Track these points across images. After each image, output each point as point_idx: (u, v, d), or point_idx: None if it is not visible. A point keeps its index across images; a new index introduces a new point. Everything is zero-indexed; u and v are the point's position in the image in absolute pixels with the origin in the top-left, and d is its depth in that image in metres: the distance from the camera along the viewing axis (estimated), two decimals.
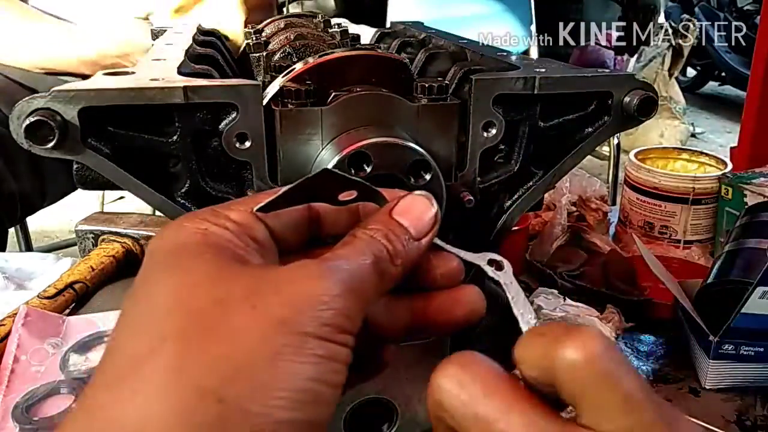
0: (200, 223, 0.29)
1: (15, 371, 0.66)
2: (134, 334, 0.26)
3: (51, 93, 0.38)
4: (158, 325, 0.26)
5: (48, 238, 2.37)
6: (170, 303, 0.27)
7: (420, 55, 0.61)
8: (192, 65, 0.51)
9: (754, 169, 1.09)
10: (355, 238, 0.31)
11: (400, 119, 0.46)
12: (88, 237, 0.91)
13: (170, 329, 0.26)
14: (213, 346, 0.25)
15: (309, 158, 0.45)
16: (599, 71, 0.50)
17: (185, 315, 0.26)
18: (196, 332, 0.26)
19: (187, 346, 0.25)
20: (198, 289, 0.27)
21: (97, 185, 0.45)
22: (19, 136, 0.38)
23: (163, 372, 0.24)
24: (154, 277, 0.28)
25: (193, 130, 0.43)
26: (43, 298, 0.76)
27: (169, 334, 0.25)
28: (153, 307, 0.27)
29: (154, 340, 0.25)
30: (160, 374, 0.24)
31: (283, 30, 0.78)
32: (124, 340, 0.27)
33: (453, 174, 0.48)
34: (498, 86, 0.47)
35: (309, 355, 0.26)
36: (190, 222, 0.30)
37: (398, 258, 0.31)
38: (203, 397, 0.24)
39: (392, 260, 0.31)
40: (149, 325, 0.26)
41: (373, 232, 0.31)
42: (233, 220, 0.30)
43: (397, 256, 0.31)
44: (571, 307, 0.79)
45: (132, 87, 0.40)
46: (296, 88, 0.44)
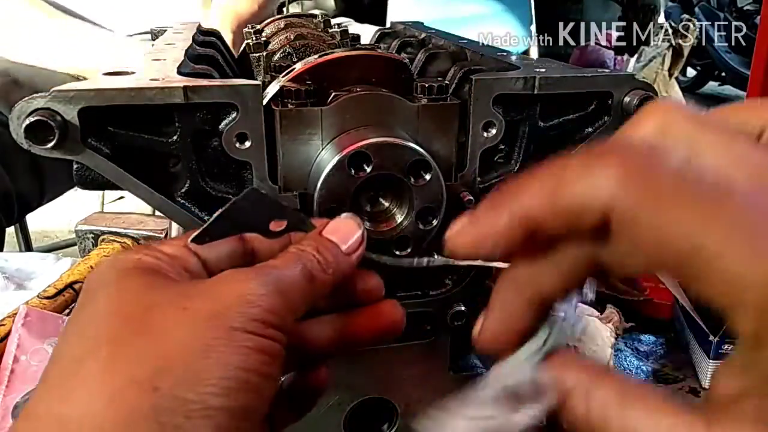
0: (134, 254, 0.32)
1: (15, 371, 0.66)
2: (72, 341, 0.29)
3: (51, 93, 0.38)
4: (94, 331, 0.28)
5: (48, 238, 2.37)
6: (104, 311, 0.29)
7: (420, 55, 0.61)
8: (192, 65, 0.51)
9: None
10: (287, 252, 0.34)
11: (400, 119, 0.46)
12: (88, 237, 0.91)
13: (104, 333, 0.28)
14: (145, 343, 0.28)
15: (309, 158, 0.45)
16: (599, 71, 0.50)
17: (118, 320, 0.29)
18: (128, 332, 0.28)
19: (120, 345, 0.28)
20: (130, 298, 0.30)
21: (97, 185, 0.45)
22: (19, 136, 0.38)
23: (98, 370, 0.27)
24: (92, 294, 0.31)
25: (193, 130, 0.43)
26: (43, 298, 0.76)
27: (104, 337, 0.28)
28: (89, 316, 0.30)
29: (90, 343, 0.28)
30: (96, 372, 0.27)
31: (283, 30, 0.78)
32: (64, 347, 0.29)
33: (453, 174, 0.48)
34: (498, 86, 0.47)
35: (237, 346, 0.28)
36: (124, 255, 0.32)
37: (329, 267, 0.34)
38: (138, 386, 0.26)
39: (323, 269, 0.34)
40: (86, 331, 0.29)
41: (304, 246, 0.34)
42: (166, 252, 0.33)
43: (329, 266, 0.34)
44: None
45: (132, 87, 0.40)
46: (296, 88, 0.44)
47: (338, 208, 0.43)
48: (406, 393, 0.57)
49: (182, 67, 0.49)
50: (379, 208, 0.46)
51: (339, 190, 0.43)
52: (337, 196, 0.43)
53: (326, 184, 0.43)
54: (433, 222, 0.46)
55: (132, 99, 0.40)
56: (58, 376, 0.28)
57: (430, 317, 0.54)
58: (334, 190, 0.43)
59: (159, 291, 0.30)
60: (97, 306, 0.30)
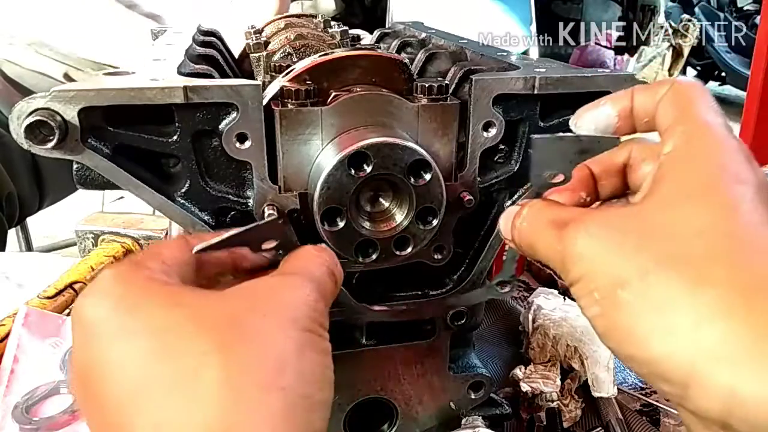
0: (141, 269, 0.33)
1: (15, 371, 0.66)
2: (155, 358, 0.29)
3: (51, 93, 0.38)
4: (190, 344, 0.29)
5: (48, 238, 2.36)
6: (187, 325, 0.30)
7: (420, 55, 0.61)
8: (192, 65, 0.51)
9: None
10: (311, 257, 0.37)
11: (400, 119, 0.46)
12: (88, 237, 0.91)
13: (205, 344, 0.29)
14: (251, 349, 0.29)
15: (309, 158, 0.45)
16: (599, 71, 0.50)
17: (210, 331, 0.29)
18: (230, 341, 0.29)
19: (227, 353, 0.29)
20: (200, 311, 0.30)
21: (97, 185, 0.45)
22: (19, 136, 0.38)
23: (215, 378, 0.28)
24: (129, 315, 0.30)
25: (193, 130, 0.43)
26: (43, 298, 0.76)
27: (208, 348, 0.28)
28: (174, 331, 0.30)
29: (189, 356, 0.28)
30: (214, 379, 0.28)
31: (283, 30, 0.78)
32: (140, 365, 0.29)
33: (453, 174, 0.48)
34: (498, 86, 0.47)
35: (316, 346, 0.32)
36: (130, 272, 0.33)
37: (337, 264, 0.38)
38: (267, 390, 0.28)
39: (336, 269, 0.38)
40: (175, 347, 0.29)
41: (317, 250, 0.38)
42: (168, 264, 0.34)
43: (337, 263, 0.38)
44: (571, 307, 0.79)
45: (132, 87, 0.40)
46: (296, 88, 0.44)
47: (338, 208, 0.43)
48: (406, 393, 0.57)
49: (182, 67, 0.49)
50: (379, 208, 0.46)
51: (339, 190, 0.43)
52: (337, 196, 0.43)
53: (326, 184, 0.43)
54: (433, 222, 0.46)
55: (132, 99, 0.40)
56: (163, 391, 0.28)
57: (430, 317, 0.54)
58: (334, 190, 0.43)
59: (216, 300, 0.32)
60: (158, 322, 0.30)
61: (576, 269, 0.33)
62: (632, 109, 0.38)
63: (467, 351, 0.61)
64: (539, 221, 0.37)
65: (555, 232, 0.35)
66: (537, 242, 0.37)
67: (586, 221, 0.33)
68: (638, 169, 0.38)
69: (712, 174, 0.31)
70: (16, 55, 1.13)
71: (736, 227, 0.29)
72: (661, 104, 0.36)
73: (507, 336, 0.85)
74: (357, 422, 0.57)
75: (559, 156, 0.39)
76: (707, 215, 0.30)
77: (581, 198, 0.39)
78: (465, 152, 0.48)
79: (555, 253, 0.35)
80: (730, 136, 0.33)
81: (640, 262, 0.30)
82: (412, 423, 0.58)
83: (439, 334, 0.55)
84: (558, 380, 0.71)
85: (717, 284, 0.28)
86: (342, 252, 0.45)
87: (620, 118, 0.39)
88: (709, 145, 0.33)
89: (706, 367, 0.27)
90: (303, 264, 0.37)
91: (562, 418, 0.68)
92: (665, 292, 0.29)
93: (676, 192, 0.32)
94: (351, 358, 0.54)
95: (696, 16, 4.26)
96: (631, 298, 0.30)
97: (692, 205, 0.31)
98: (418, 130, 0.46)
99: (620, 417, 0.68)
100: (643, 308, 0.29)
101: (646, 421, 0.68)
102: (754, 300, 0.27)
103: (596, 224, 0.33)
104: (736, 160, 0.32)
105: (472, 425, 0.58)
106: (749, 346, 0.26)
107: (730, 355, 0.26)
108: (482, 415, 0.60)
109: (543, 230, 0.36)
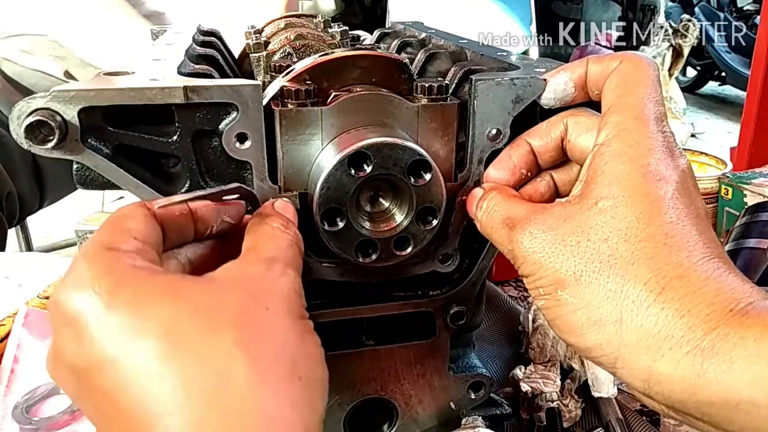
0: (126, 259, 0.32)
1: (15, 371, 0.66)
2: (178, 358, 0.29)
3: (51, 93, 0.38)
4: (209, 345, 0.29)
5: (48, 238, 2.36)
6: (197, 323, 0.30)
7: (420, 55, 0.61)
8: (192, 65, 0.51)
9: (753, 169, 1.09)
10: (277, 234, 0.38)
11: (400, 119, 0.46)
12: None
13: (224, 344, 0.29)
14: (266, 343, 0.31)
15: (309, 158, 0.45)
16: None
17: (224, 329, 0.30)
18: (245, 340, 0.30)
19: (249, 353, 0.30)
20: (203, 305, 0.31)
21: (97, 185, 0.45)
22: (19, 137, 0.38)
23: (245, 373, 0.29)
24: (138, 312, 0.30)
25: (193, 130, 0.43)
26: (43, 298, 0.76)
27: (228, 349, 0.29)
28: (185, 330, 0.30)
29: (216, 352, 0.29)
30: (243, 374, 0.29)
31: (283, 30, 0.78)
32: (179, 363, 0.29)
33: (453, 174, 0.48)
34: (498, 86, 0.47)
35: (310, 329, 0.34)
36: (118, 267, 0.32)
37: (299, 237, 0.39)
38: (290, 381, 0.30)
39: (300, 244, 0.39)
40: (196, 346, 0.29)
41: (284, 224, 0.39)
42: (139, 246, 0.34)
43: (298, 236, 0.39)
44: None
45: (132, 87, 0.40)
46: (296, 88, 0.44)
47: (338, 208, 0.43)
48: (406, 393, 0.57)
49: (182, 67, 0.49)
50: (379, 208, 0.46)
51: (339, 190, 0.43)
52: (337, 196, 0.43)
53: (326, 184, 0.43)
54: (433, 222, 0.46)
55: (132, 99, 0.40)
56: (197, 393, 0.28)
57: (430, 317, 0.54)
58: (334, 190, 0.43)
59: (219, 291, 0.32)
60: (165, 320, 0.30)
61: (524, 267, 0.39)
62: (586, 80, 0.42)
63: (467, 351, 0.61)
64: (494, 219, 0.42)
65: (506, 231, 0.40)
66: (492, 237, 0.43)
67: (531, 224, 0.39)
68: (574, 141, 0.43)
69: (635, 176, 0.36)
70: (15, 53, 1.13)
71: (656, 229, 0.34)
72: (607, 82, 0.40)
73: (507, 336, 0.85)
74: (357, 422, 0.57)
75: (499, 106, 0.45)
76: (631, 218, 0.35)
77: (522, 174, 0.45)
78: (465, 152, 0.48)
79: (507, 251, 0.40)
80: (657, 131, 0.37)
81: (574, 266, 0.36)
82: (412, 423, 0.58)
83: (439, 334, 0.55)
84: (558, 380, 0.71)
85: (638, 284, 0.34)
86: (342, 252, 0.45)
87: (576, 87, 0.43)
88: (637, 143, 0.37)
89: (628, 354, 0.34)
90: (276, 244, 0.37)
91: (562, 418, 0.68)
92: (596, 292, 0.35)
93: (604, 195, 0.36)
94: (351, 358, 0.54)
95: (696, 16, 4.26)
96: (568, 297, 0.36)
97: (617, 209, 0.36)
98: (418, 130, 0.46)
99: (620, 417, 0.68)
100: (578, 306, 0.35)
101: (646, 421, 0.68)
102: (666, 294, 0.33)
103: (539, 228, 0.38)
104: (659, 158, 0.36)
105: (472, 425, 0.58)
106: (663, 335, 0.32)
107: (647, 343, 0.33)
108: (482, 415, 0.59)
109: (497, 228, 0.41)
